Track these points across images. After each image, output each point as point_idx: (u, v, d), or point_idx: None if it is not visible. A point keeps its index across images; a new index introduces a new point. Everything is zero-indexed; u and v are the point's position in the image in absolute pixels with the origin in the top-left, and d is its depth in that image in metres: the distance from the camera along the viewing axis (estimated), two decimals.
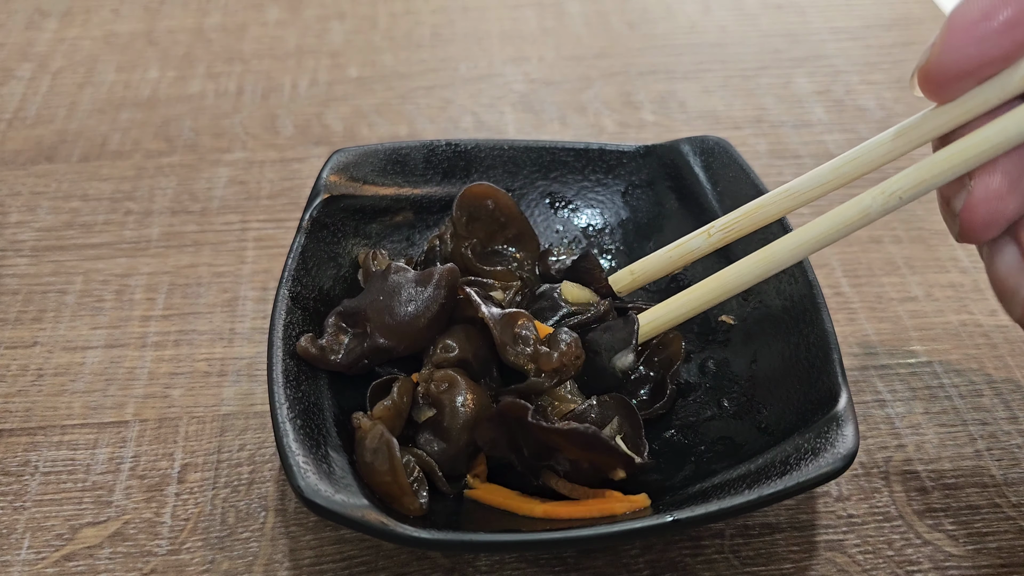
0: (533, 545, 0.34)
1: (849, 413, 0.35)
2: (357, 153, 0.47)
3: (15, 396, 0.45)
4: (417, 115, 0.64)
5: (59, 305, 0.50)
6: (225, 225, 0.55)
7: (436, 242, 0.46)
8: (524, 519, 0.36)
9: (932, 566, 0.38)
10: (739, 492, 0.34)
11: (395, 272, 0.40)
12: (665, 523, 0.33)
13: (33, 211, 0.56)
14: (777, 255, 0.39)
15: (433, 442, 0.38)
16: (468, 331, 0.40)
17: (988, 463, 0.42)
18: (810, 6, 0.75)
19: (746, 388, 0.41)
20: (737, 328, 0.44)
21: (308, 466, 0.34)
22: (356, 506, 0.33)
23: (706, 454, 0.39)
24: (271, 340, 0.38)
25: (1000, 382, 0.45)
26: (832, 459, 0.34)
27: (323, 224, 0.44)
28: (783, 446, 0.36)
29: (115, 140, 0.61)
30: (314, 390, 0.39)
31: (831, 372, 0.37)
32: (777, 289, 0.43)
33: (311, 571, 0.38)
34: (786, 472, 0.34)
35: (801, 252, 0.38)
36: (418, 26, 0.73)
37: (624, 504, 0.36)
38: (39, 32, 0.73)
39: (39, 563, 0.38)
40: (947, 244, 0.53)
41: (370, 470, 0.35)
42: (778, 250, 0.39)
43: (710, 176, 0.47)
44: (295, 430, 0.35)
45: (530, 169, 0.49)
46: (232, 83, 0.67)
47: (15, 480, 0.41)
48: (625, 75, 0.67)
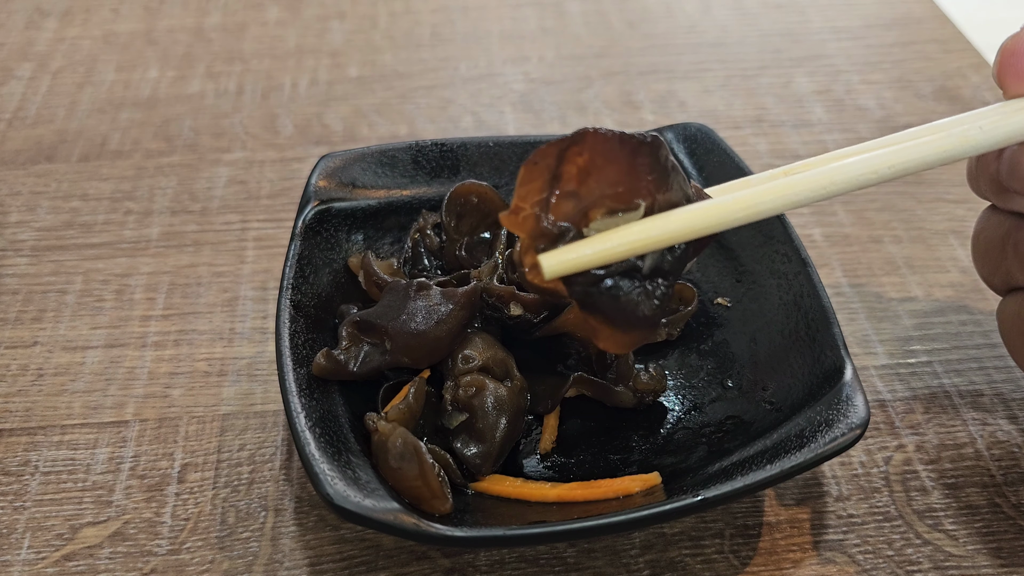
0: (573, 534, 0.34)
1: (856, 384, 0.37)
2: (345, 157, 0.47)
3: (15, 396, 0.45)
4: (417, 115, 0.64)
5: (59, 305, 0.50)
6: (225, 225, 0.55)
7: (417, 236, 0.46)
8: (538, 506, 0.37)
9: (932, 566, 0.38)
10: (760, 468, 0.34)
11: (418, 290, 0.41)
12: (695, 502, 0.33)
13: (33, 211, 0.56)
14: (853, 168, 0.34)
15: (470, 444, 0.38)
16: (484, 338, 0.41)
17: (988, 463, 0.42)
18: (810, 6, 0.75)
19: (748, 367, 0.42)
20: (734, 309, 0.44)
21: (333, 472, 0.34)
22: (387, 510, 0.33)
23: (716, 434, 0.40)
24: (279, 350, 0.39)
25: (1000, 382, 0.45)
26: (846, 429, 0.35)
27: (316, 230, 0.44)
28: (795, 420, 0.37)
29: (115, 140, 0.61)
30: (326, 396, 0.39)
31: (834, 346, 0.38)
32: (771, 269, 0.43)
33: (311, 571, 0.38)
34: (803, 445, 0.35)
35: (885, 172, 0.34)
36: (418, 26, 0.73)
37: (637, 483, 0.37)
38: (39, 32, 0.73)
39: (39, 563, 0.38)
40: (947, 244, 0.53)
41: (398, 475, 0.36)
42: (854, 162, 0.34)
43: (695, 162, 0.48)
44: (315, 438, 0.35)
45: (517, 165, 0.49)
46: (232, 83, 0.67)
47: (15, 480, 0.41)
48: (625, 75, 0.67)
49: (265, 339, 0.47)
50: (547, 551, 0.38)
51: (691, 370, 0.43)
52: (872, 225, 0.54)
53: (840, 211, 0.55)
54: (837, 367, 0.38)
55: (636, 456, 0.40)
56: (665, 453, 0.40)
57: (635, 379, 0.41)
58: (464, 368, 0.40)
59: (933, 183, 0.57)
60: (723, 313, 0.44)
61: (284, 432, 0.43)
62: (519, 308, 0.41)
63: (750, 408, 0.40)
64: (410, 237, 0.47)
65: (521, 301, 0.41)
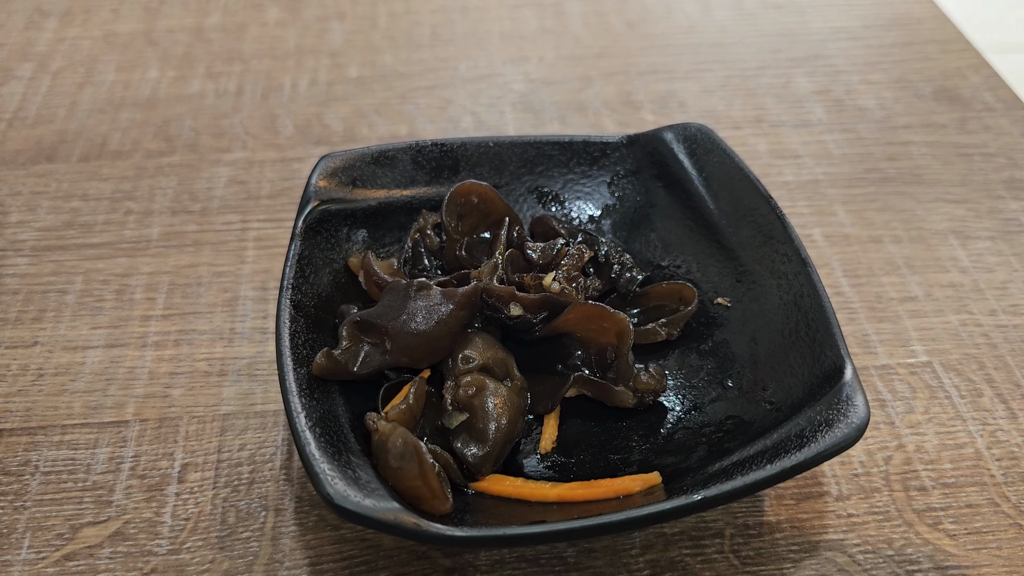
0: (573, 534, 0.34)
1: (856, 384, 0.37)
2: (345, 157, 0.47)
3: (15, 396, 0.45)
4: (417, 115, 0.64)
5: (59, 305, 0.50)
6: (225, 225, 0.55)
7: (417, 236, 0.46)
8: (538, 505, 0.37)
9: (932, 566, 0.38)
10: (760, 467, 0.34)
11: (418, 290, 0.41)
12: (695, 502, 0.33)
13: (33, 211, 0.56)
14: None
15: (470, 444, 0.38)
16: (484, 338, 0.41)
17: (988, 463, 0.42)
18: (810, 6, 0.75)
19: (748, 367, 0.42)
20: (734, 309, 0.44)
21: (334, 472, 0.34)
22: (388, 510, 0.33)
23: (716, 434, 0.40)
24: (279, 350, 0.39)
25: (1000, 382, 0.45)
26: (847, 428, 0.35)
27: (316, 230, 0.44)
28: (795, 420, 0.37)
29: (115, 140, 0.61)
30: (326, 396, 0.39)
31: (834, 346, 0.38)
32: (771, 269, 0.43)
33: (311, 571, 0.38)
34: (804, 444, 0.35)
35: None
36: (418, 26, 0.73)
37: (637, 482, 0.37)
38: (39, 32, 0.73)
39: (39, 563, 0.38)
40: (947, 244, 0.53)
41: (398, 475, 0.36)
42: None
43: (695, 162, 0.48)
44: (315, 438, 0.35)
45: (516, 165, 0.50)
46: (232, 83, 0.67)
47: (15, 480, 0.41)
48: (625, 75, 0.67)
49: (265, 339, 0.47)
50: (547, 551, 0.38)
51: (691, 370, 0.43)
52: (872, 225, 0.54)
53: (840, 211, 0.55)
54: (837, 367, 0.38)
55: (636, 456, 0.40)
56: (665, 453, 0.40)
57: (635, 379, 0.41)
58: (464, 368, 0.40)
59: (933, 183, 0.57)
60: (723, 313, 0.44)
61: (284, 432, 0.43)
62: (519, 308, 0.41)
63: (750, 408, 0.40)
64: (410, 237, 0.47)
65: (521, 301, 0.41)
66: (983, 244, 0.53)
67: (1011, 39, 0.97)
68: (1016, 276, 0.51)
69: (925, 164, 0.59)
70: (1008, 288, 0.50)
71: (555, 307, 0.41)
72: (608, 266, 0.45)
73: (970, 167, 0.59)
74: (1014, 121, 0.62)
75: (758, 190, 0.45)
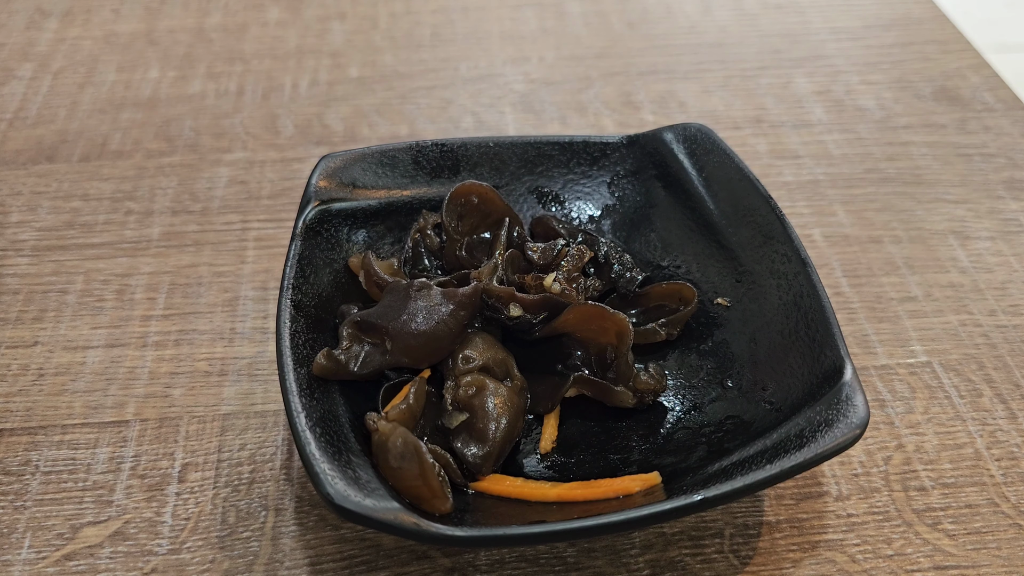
0: (573, 533, 0.34)
1: (856, 384, 0.37)
2: (345, 157, 0.47)
3: (16, 396, 0.45)
4: (417, 115, 0.64)
5: (60, 305, 0.50)
6: (225, 225, 0.55)
7: (417, 236, 0.46)
8: (538, 505, 0.37)
9: (932, 566, 0.38)
10: (760, 467, 0.35)
11: (418, 290, 0.41)
12: (695, 502, 0.33)
13: (34, 211, 0.56)
14: None
15: (470, 444, 0.38)
16: (484, 338, 0.41)
17: (988, 463, 0.42)
18: (810, 6, 0.75)
19: (748, 367, 0.42)
20: (734, 309, 0.44)
21: (334, 472, 0.34)
22: (388, 509, 0.33)
23: (716, 434, 0.40)
24: (280, 350, 0.39)
25: (1000, 382, 0.45)
26: (846, 429, 0.35)
27: (316, 230, 0.44)
28: (795, 420, 0.37)
29: (116, 140, 0.61)
30: (327, 396, 0.39)
31: (833, 346, 0.38)
32: (771, 270, 0.43)
33: (311, 571, 0.38)
34: (803, 445, 0.35)
35: None
36: (418, 26, 0.73)
37: (637, 482, 0.37)
38: (40, 32, 0.73)
39: (40, 562, 0.38)
40: (947, 244, 0.53)
41: (398, 474, 0.36)
42: None
43: (695, 162, 0.48)
44: (316, 438, 0.35)
45: (516, 165, 0.50)
46: (232, 83, 0.67)
47: (16, 480, 0.41)
48: (625, 75, 0.67)
49: (265, 339, 0.48)
50: (547, 551, 0.38)
51: (691, 370, 0.43)
52: (872, 225, 0.54)
53: (840, 211, 0.55)
54: (837, 367, 0.38)
55: (636, 456, 0.40)
56: (665, 453, 0.40)
57: (635, 379, 0.41)
58: (464, 368, 0.40)
59: (933, 183, 0.57)
60: (723, 313, 0.44)
61: (284, 432, 0.43)
62: (519, 309, 0.41)
63: (750, 408, 0.40)
64: (410, 237, 0.47)
65: (521, 302, 0.41)
66: (983, 244, 0.53)
67: (1011, 39, 0.97)
68: (1016, 276, 0.51)
69: (925, 164, 0.59)
70: (1008, 288, 0.51)
71: (555, 307, 0.41)
72: (608, 266, 0.45)
73: (970, 167, 0.59)
74: (1014, 121, 0.62)
75: (758, 190, 0.45)
